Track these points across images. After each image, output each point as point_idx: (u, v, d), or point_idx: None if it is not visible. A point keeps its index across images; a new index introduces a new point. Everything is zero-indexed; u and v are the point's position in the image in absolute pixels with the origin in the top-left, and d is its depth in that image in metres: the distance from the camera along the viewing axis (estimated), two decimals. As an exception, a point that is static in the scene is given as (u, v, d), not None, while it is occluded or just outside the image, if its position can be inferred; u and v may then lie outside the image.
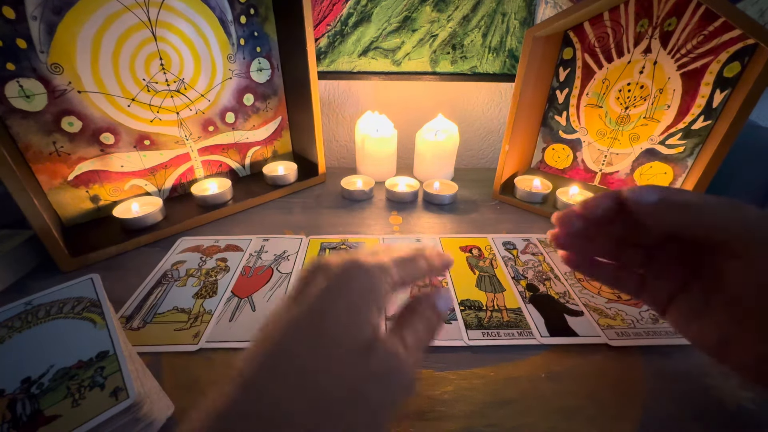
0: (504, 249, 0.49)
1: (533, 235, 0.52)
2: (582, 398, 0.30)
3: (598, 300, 0.40)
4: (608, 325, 0.36)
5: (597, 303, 0.39)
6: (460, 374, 0.32)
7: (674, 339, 0.35)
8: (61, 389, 0.26)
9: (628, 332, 0.36)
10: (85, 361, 0.28)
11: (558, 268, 0.45)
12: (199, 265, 0.45)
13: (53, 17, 0.42)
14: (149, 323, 0.37)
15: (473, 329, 0.36)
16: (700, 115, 0.47)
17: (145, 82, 0.50)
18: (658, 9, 0.47)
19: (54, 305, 0.33)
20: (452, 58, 0.72)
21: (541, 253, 0.48)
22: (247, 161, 0.66)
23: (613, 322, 0.37)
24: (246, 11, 0.56)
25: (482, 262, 0.46)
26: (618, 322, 0.37)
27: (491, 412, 0.29)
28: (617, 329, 0.36)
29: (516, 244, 0.50)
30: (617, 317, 0.37)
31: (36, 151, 0.45)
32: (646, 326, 0.37)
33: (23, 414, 0.25)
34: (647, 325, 0.37)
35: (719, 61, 0.44)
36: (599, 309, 0.39)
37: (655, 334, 0.35)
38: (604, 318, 0.37)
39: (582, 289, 0.41)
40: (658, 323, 0.37)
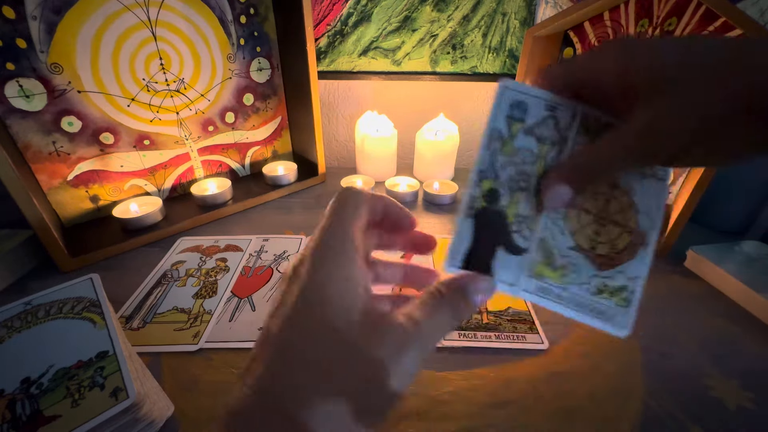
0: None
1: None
2: (582, 398, 0.30)
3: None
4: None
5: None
6: (460, 375, 0.32)
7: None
8: (60, 389, 0.26)
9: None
10: (85, 361, 0.28)
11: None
12: (198, 265, 0.45)
13: (53, 17, 0.42)
14: (149, 323, 0.37)
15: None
16: (701, 115, 0.47)
17: (145, 81, 0.50)
18: (658, 9, 0.47)
19: (53, 305, 0.33)
20: (452, 57, 0.72)
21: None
22: (246, 161, 0.66)
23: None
24: (246, 11, 0.56)
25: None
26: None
27: (491, 412, 0.29)
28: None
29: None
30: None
31: (35, 151, 0.45)
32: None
33: (23, 414, 0.25)
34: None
35: (719, 61, 0.44)
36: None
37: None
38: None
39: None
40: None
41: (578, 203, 0.23)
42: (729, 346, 0.35)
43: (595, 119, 0.23)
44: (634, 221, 0.23)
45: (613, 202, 0.23)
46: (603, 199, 0.23)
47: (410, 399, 0.30)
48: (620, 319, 0.23)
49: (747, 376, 0.32)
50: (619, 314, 0.23)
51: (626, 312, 0.23)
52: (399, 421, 0.28)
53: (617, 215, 0.23)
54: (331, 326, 0.16)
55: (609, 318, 0.23)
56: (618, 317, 0.23)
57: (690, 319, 0.38)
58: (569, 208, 0.23)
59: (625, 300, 0.23)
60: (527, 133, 0.24)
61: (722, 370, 0.33)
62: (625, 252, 0.23)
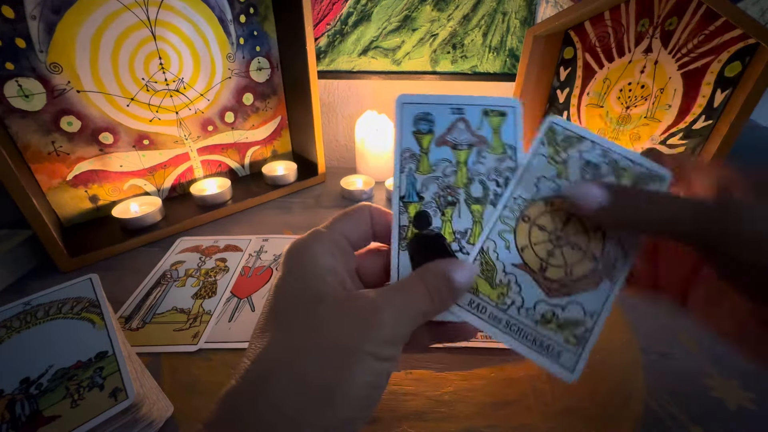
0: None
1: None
2: (582, 398, 0.30)
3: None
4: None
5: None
6: (460, 375, 0.32)
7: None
8: (60, 390, 0.26)
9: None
10: (84, 361, 0.28)
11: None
12: (198, 265, 0.45)
13: (52, 16, 0.42)
14: (148, 323, 0.37)
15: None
16: (701, 114, 0.47)
17: (145, 81, 0.50)
18: (659, 8, 0.47)
19: (53, 305, 0.33)
20: (452, 57, 0.72)
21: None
22: (246, 161, 0.66)
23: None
24: (245, 10, 0.56)
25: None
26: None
27: (492, 412, 0.29)
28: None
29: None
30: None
31: (35, 151, 0.45)
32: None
33: (22, 414, 0.25)
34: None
35: (720, 60, 0.44)
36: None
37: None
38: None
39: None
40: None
41: (531, 216, 0.21)
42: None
43: (499, 112, 0.21)
44: (600, 247, 0.20)
45: (573, 222, 0.20)
46: (562, 216, 0.20)
47: (410, 399, 0.30)
48: (567, 359, 0.19)
49: (747, 376, 0.32)
50: (567, 353, 0.19)
51: (576, 352, 0.19)
52: (399, 421, 0.28)
53: (577, 237, 0.20)
54: (301, 320, 0.17)
55: (553, 355, 0.19)
56: (564, 356, 0.19)
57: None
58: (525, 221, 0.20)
59: (576, 338, 0.19)
60: (440, 143, 0.21)
61: (722, 370, 0.33)
62: (582, 280, 0.20)
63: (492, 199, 0.21)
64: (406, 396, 0.30)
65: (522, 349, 0.19)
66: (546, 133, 0.21)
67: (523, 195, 0.21)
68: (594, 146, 0.21)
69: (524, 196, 0.21)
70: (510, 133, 0.21)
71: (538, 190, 0.21)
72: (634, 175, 0.20)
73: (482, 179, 0.21)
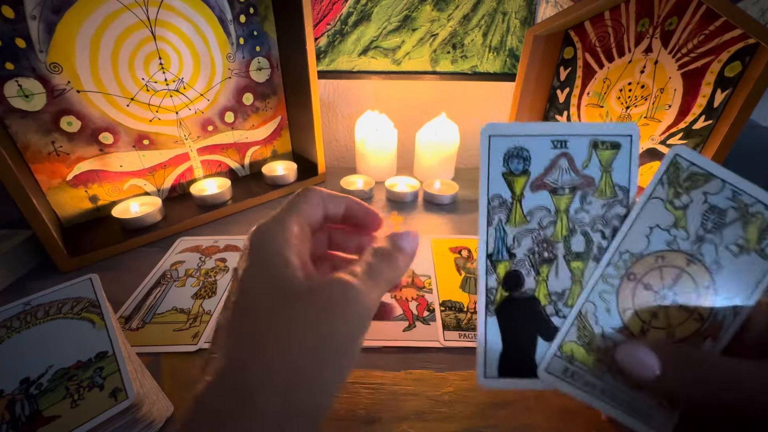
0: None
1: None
2: (582, 399, 0.30)
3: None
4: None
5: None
6: (460, 375, 0.32)
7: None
8: (60, 390, 0.26)
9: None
10: (84, 361, 0.28)
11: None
12: (198, 265, 0.45)
13: (52, 16, 0.42)
14: (148, 323, 0.37)
15: (450, 330, 0.36)
16: (701, 114, 0.47)
17: (144, 81, 0.50)
18: (659, 8, 0.47)
19: (53, 305, 0.33)
20: (452, 57, 0.72)
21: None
22: (246, 161, 0.66)
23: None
24: (245, 10, 0.56)
25: (470, 264, 0.46)
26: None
27: (492, 412, 0.29)
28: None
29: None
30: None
31: (35, 151, 0.45)
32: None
33: (22, 414, 0.25)
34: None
35: (720, 60, 0.44)
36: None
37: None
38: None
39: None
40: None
41: (637, 274, 0.18)
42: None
43: (611, 143, 0.18)
44: (709, 307, 0.18)
45: (684, 279, 0.18)
46: (672, 273, 0.18)
47: (410, 399, 0.30)
48: (659, 422, 0.18)
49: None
50: (659, 416, 0.18)
51: (668, 414, 0.18)
52: (399, 421, 0.28)
53: (685, 296, 0.18)
54: (265, 303, 0.17)
55: (645, 418, 0.18)
56: (656, 419, 0.18)
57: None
58: (628, 282, 0.18)
59: (669, 401, 0.18)
60: (536, 187, 0.18)
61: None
62: (685, 342, 0.18)
63: (595, 254, 0.18)
64: (406, 396, 0.30)
65: (615, 413, 0.18)
66: (667, 169, 0.18)
67: (631, 249, 0.18)
68: (724, 187, 0.18)
69: (632, 251, 0.18)
70: (623, 171, 0.18)
71: (650, 243, 0.18)
72: (765, 222, 0.17)
73: (585, 230, 0.18)
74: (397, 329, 0.36)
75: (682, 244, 0.18)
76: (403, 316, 0.38)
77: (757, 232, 0.17)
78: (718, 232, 0.18)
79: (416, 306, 0.39)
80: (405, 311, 0.39)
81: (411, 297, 0.40)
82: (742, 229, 0.17)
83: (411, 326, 0.37)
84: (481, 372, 0.19)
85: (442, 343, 0.35)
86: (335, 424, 0.28)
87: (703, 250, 0.18)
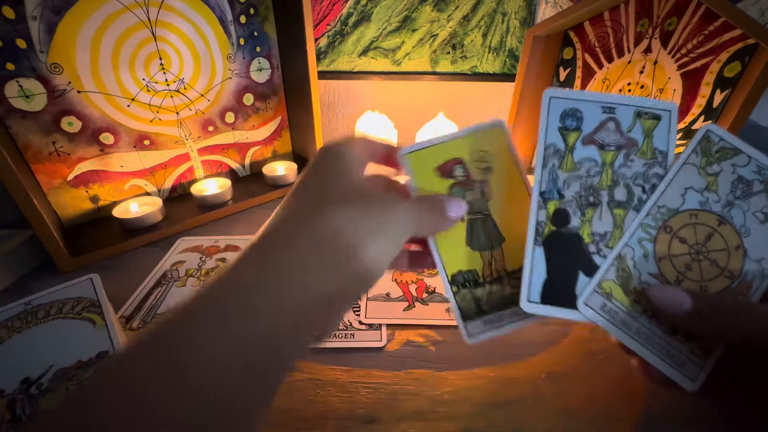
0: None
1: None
2: (582, 399, 0.30)
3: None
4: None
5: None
6: (460, 374, 0.32)
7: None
8: (60, 390, 0.26)
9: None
10: (85, 361, 0.28)
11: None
12: (198, 265, 0.45)
13: (53, 17, 0.42)
14: (149, 324, 0.37)
15: (473, 319, 0.23)
16: (701, 114, 0.47)
17: (145, 82, 0.50)
18: (658, 9, 0.47)
19: (53, 305, 0.33)
20: (452, 57, 0.72)
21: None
22: (246, 161, 0.66)
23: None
24: (246, 11, 0.56)
25: (471, 191, 0.24)
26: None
27: (491, 412, 0.29)
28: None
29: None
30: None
31: (35, 151, 0.45)
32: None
33: (23, 414, 0.25)
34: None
35: (720, 60, 0.44)
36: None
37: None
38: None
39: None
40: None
41: (673, 227, 0.20)
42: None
43: (653, 115, 0.21)
44: (739, 267, 0.20)
45: (715, 238, 0.20)
46: (705, 231, 0.20)
47: (410, 399, 0.30)
48: (690, 369, 0.19)
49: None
50: (691, 363, 0.19)
51: (699, 363, 0.19)
52: (399, 421, 0.28)
53: (718, 254, 0.20)
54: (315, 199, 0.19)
55: (678, 364, 0.19)
56: (688, 366, 0.19)
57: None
58: (664, 235, 0.20)
59: (702, 349, 0.19)
60: (586, 142, 0.21)
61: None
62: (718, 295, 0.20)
63: (636, 205, 0.21)
64: (406, 396, 0.30)
65: (649, 356, 0.19)
66: (700, 141, 0.21)
67: (668, 204, 0.20)
68: (750, 161, 0.20)
69: (669, 206, 0.20)
70: (663, 138, 0.21)
71: (684, 201, 0.20)
72: None
73: (628, 183, 0.21)
74: (398, 309, 0.39)
75: (713, 205, 0.20)
76: (404, 297, 0.40)
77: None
78: (746, 199, 0.20)
79: (416, 288, 0.42)
80: (405, 293, 0.41)
81: (411, 280, 0.43)
82: (767, 200, 0.20)
83: (410, 306, 0.39)
84: (525, 294, 0.20)
85: (468, 341, 0.23)
86: (335, 423, 0.28)
87: (733, 213, 0.20)
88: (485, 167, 0.23)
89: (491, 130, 0.23)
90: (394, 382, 0.31)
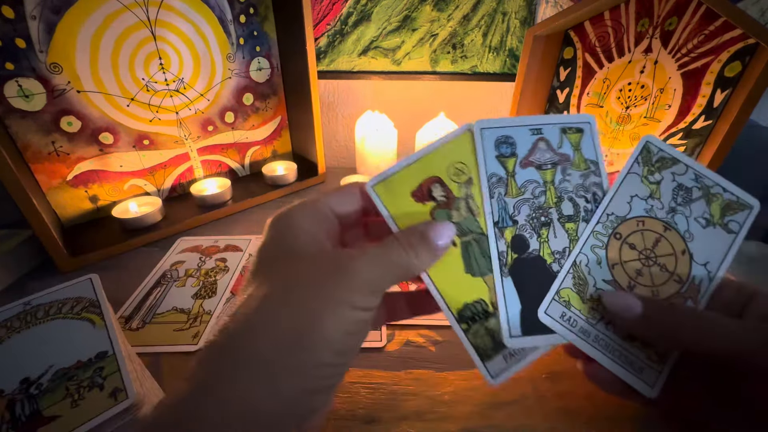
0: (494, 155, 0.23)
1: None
2: (582, 399, 0.30)
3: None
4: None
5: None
6: (460, 375, 0.32)
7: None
8: (60, 390, 0.26)
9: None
10: (84, 361, 0.28)
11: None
12: (198, 265, 0.45)
13: (52, 17, 0.42)
14: (148, 323, 0.37)
15: (491, 359, 0.21)
16: (701, 114, 0.47)
17: (145, 81, 0.50)
18: (658, 8, 0.47)
19: (53, 305, 0.33)
20: (452, 57, 0.72)
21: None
22: (246, 161, 0.66)
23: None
24: (245, 10, 0.56)
25: (457, 210, 0.22)
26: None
27: (491, 412, 0.29)
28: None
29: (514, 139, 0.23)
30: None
31: (35, 151, 0.45)
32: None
33: (22, 414, 0.25)
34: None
35: (720, 60, 0.44)
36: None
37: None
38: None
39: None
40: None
41: (622, 234, 0.21)
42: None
43: (576, 128, 0.22)
44: (687, 271, 0.20)
45: (662, 243, 0.21)
46: (652, 237, 0.21)
47: (410, 399, 0.30)
48: (648, 375, 0.20)
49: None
50: (649, 369, 0.20)
51: (657, 369, 0.20)
52: (399, 421, 0.28)
53: (666, 259, 0.20)
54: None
55: (636, 370, 0.20)
56: (646, 372, 0.20)
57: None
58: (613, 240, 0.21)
59: (659, 355, 0.20)
60: (524, 165, 0.21)
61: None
62: (669, 300, 0.20)
63: (584, 216, 0.22)
64: (406, 396, 0.30)
65: (607, 363, 0.20)
66: (641, 152, 0.22)
67: (616, 212, 0.21)
68: (687, 170, 0.21)
69: (617, 213, 0.21)
70: (590, 148, 0.22)
71: (631, 209, 0.21)
72: (723, 201, 0.21)
73: (571, 196, 0.22)
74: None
75: (658, 212, 0.21)
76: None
77: (719, 209, 0.21)
78: (687, 205, 0.21)
79: (416, 288, 0.41)
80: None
81: (410, 280, 0.42)
82: (707, 206, 0.21)
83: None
84: (506, 330, 0.20)
85: (492, 383, 0.21)
86: (335, 423, 0.28)
87: (677, 219, 0.21)
88: (466, 180, 0.22)
89: (463, 137, 0.22)
90: (394, 383, 0.31)
